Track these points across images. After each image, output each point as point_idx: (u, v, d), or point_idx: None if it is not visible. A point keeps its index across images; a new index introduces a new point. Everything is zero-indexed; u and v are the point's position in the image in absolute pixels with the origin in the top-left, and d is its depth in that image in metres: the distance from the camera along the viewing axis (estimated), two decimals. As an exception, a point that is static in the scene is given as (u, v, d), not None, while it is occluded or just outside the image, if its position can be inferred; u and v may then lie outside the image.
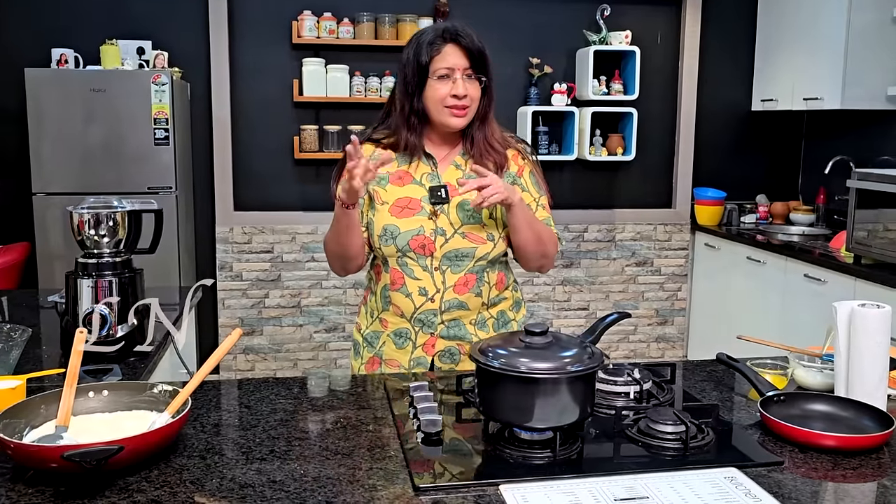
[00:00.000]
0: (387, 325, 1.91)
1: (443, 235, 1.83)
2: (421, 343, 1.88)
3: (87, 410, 1.37)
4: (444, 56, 1.79)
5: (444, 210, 1.84)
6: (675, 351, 5.09)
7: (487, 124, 1.89)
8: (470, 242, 1.84)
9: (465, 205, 1.84)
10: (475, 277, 1.86)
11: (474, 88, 1.82)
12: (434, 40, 1.80)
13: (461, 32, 1.81)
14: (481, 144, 1.87)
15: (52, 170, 3.99)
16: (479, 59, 1.81)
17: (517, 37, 4.69)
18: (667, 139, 4.98)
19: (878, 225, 3.45)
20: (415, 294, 1.84)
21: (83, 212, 1.87)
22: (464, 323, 1.88)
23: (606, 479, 1.20)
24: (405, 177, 1.87)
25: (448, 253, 1.83)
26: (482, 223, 1.85)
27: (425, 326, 1.87)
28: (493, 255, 1.86)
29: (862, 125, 4.46)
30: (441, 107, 1.81)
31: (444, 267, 1.83)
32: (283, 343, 4.69)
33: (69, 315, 1.86)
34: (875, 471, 1.25)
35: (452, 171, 1.89)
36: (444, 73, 1.79)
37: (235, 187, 4.58)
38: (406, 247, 1.82)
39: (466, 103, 1.81)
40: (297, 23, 4.41)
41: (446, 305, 1.85)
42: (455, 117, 1.82)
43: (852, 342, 1.48)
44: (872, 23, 4.01)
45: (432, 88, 1.80)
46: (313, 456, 1.28)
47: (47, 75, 4.00)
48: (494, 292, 1.91)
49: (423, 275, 1.84)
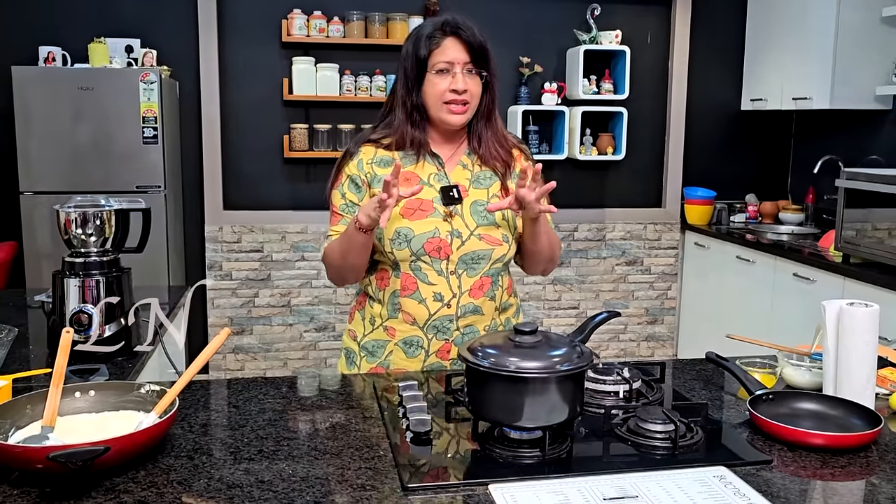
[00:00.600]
0: (394, 334, 1.82)
1: (459, 237, 1.76)
2: (434, 350, 1.80)
3: (74, 411, 1.35)
4: (444, 50, 1.73)
5: (458, 211, 1.77)
6: (665, 350, 5.11)
7: (493, 122, 1.83)
8: (487, 244, 1.77)
9: (479, 205, 1.79)
10: (490, 281, 1.80)
11: (475, 84, 1.76)
12: (433, 33, 1.74)
13: (462, 25, 1.74)
14: (489, 143, 1.82)
15: (39, 169, 3.97)
16: (479, 54, 1.75)
17: (507, 36, 4.69)
18: (657, 138, 4.99)
19: (867, 224, 3.47)
20: (429, 300, 1.76)
21: (70, 210, 1.85)
22: (479, 329, 1.81)
23: (596, 479, 1.20)
24: (412, 178, 1.79)
25: (464, 256, 1.76)
26: (496, 224, 1.79)
27: (440, 333, 1.79)
28: (508, 257, 1.81)
29: (851, 125, 4.48)
30: (440, 103, 1.75)
31: (459, 271, 1.76)
32: (273, 342, 4.67)
33: (56, 314, 1.84)
34: (863, 469, 1.26)
35: (460, 171, 1.82)
36: (444, 67, 1.73)
37: (225, 186, 4.56)
38: (421, 250, 1.74)
39: (466, 98, 1.74)
40: (287, 21, 4.39)
41: (462, 311, 1.78)
42: (454, 114, 1.75)
43: (841, 341, 1.48)
44: (861, 22, 4.03)
45: (431, 83, 1.74)
46: (302, 456, 1.27)
47: (35, 73, 3.98)
48: (505, 297, 1.86)
49: (439, 279, 1.76)
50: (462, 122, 1.78)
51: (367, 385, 1.65)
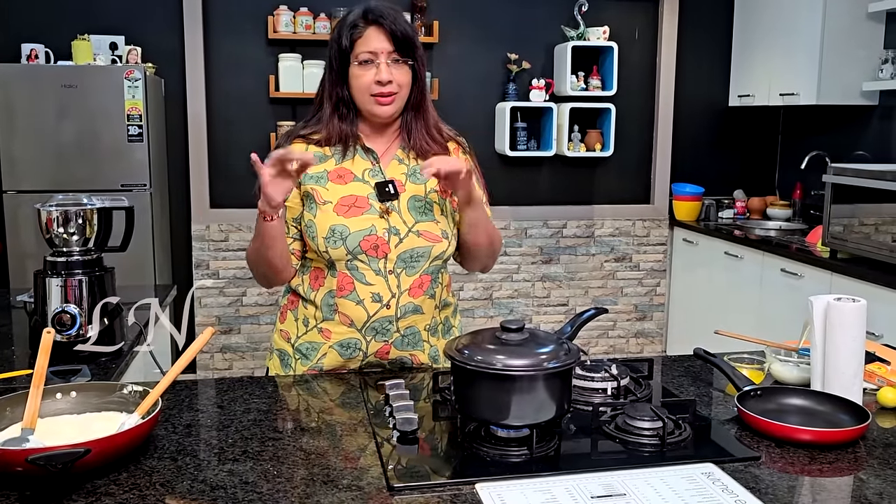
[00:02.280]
0: (329, 336, 1.73)
1: (397, 235, 1.68)
2: (373, 352, 1.73)
3: (55, 412, 1.33)
4: (367, 39, 1.65)
5: (395, 207, 1.70)
6: (654, 346, 5.11)
7: (423, 113, 1.75)
8: (426, 241, 1.70)
9: (417, 200, 1.72)
10: (430, 279, 1.73)
11: (401, 74, 1.67)
12: (356, 22, 1.66)
13: (384, 13, 1.65)
14: (419, 136, 1.74)
15: (23, 167, 3.93)
16: (404, 42, 1.65)
17: (495, 32, 4.68)
18: (645, 135, 4.99)
19: (854, 219, 3.48)
20: (367, 300, 1.69)
21: (51, 209, 1.83)
22: (419, 329, 1.75)
23: (583, 477, 1.19)
24: (346, 174, 1.71)
25: (402, 254, 1.68)
26: (435, 220, 1.72)
27: (378, 335, 1.71)
28: (448, 253, 1.74)
29: (838, 120, 4.49)
30: (366, 95, 1.67)
31: (398, 269, 1.69)
32: (261, 341, 4.65)
33: (38, 315, 1.82)
34: (851, 464, 1.26)
35: (396, 165, 1.74)
36: (367, 57, 1.65)
37: (211, 184, 4.53)
38: (357, 248, 1.66)
39: (392, 89, 1.66)
40: (273, 18, 4.37)
41: (402, 311, 1.71)
42: (380, 105, 1.67)
43: (828, 336, 1.48)
44: (848, 18, 4.04)
45: (354, 75, 1.67)
46: (287, 456, 1.26)
47: (17, 71, 3.93)
48: (445, 294, 1.82)
49: (377, 279, 1.68)
50: (390, 113, 1.70)
51: (354, 384, 1.63)
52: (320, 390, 1.61)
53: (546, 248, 4.92)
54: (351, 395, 1.57)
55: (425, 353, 1.78)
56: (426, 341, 1.78)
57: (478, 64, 4.66)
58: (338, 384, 1.64)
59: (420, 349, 1.77)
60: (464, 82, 4.64)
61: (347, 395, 1.57)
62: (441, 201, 1.75)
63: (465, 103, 4.66)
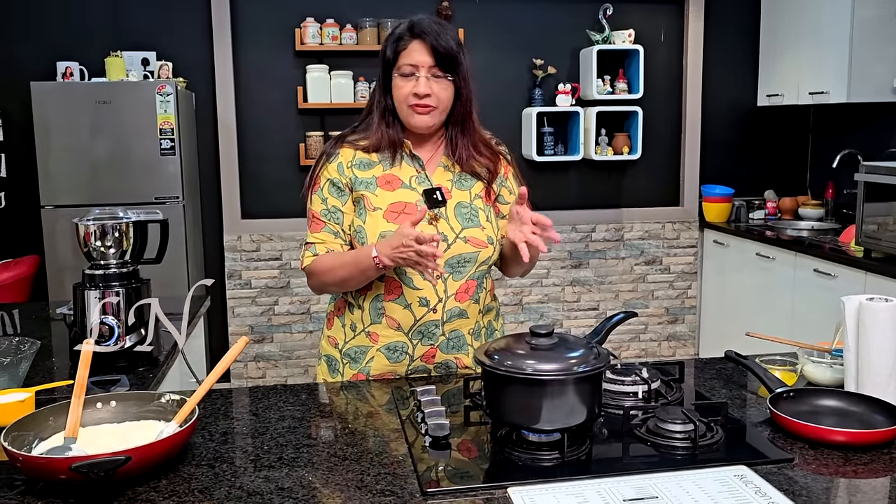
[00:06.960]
0: (377, 339, 1.77)
1: (445, 241, 1.72)
2: (419, 355, 1.77)
3: (96, 421, 1.37)
4: (410, 52, 1.70)
5: (443, 214, 1.74)
6: (686, 349, 5.07)
7: (467, 129, 1.78)
8: (472, 247, 1.74)
9: (463, 207, 1.76)
10: (476, 284, 1.77)
11: (441, 88, 1.71)
12: (401, 35, 1.72)
13: (426, 29, 1.69)
14: (464, 151, 1.78)
15: (59, 182, 4.01)
16: (445, 58, 1.70)
17: (520, 38, 4.69)
18: (673, 137, 4.96)
19: (888, 218, 3.43)
20: (415, 305, 1.73)
21: (89, 223, 1.87)
22: (464, 333, 1.79)
23: (615, 480, 1.19)
24: (393, 180, 1.76)
25: (450, 259, 1.72)
26: (481, 226, 1.76)
27: (425, 338, 1.76)
28: (493, 259, 1.79)
29: (869, 118, 4.43)
30: (404, 106, 1.72)
31: (445, 275, 1.73)
32: (294, 350, 4.69)
33: (77, 326, 1.87)
34: (887, 465, 1.24)
35: (441, 172, 1.79)
36: (409, 70, 1.70)
37: (242, 195, 4.59)
38: None
39: (430, 102, 1.70)
40: (301, 30, 4.42)
41: (448, 315, 1.75)
42: (418, 115, 1.71)
43: (861, 337, 1.47)
44: (877, 15, 3.99)
45: (396, 86, 1.73)
46: (321, 462, 1.28)
47: (53, 88, 4.02)
48: (489, 299, 1.85)
49: (424, 284, 1.72)
50: (428, 125, 1.74)
51: (386, 391, 1.65)
52: (352, 397, 1.63)
53: (575, 252, 4.91)
54: (384, 401, 1.59)
55: (469, 357, 1.81)
56: (470, 345, 1.81)
57: (503, 70, 4.67)
58: (370, 391, 1.66)
59: (465, 352, 1.81)
60: (490, 88, 4.65)
61: (380, 401, 1.59)
62: (486, 207, 1.80)
63: (491, 109, 4.65)
